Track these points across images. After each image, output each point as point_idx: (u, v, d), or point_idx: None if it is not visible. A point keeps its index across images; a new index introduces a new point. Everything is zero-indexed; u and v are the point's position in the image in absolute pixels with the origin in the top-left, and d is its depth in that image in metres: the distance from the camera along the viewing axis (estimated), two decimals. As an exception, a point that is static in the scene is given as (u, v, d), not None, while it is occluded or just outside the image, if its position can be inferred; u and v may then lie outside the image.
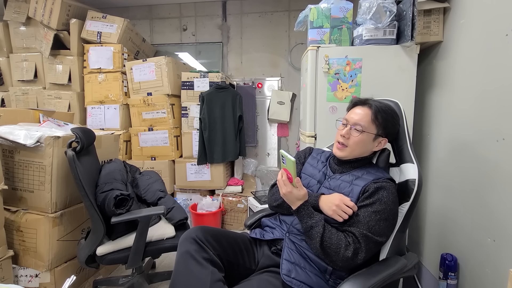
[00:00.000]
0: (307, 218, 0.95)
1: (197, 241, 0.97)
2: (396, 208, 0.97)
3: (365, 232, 0.91)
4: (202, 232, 1.01)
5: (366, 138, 1.04)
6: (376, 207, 0.93)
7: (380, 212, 0.93)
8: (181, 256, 0.96)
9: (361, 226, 0.92)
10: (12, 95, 2.94)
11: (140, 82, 2.72)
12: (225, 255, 1.03)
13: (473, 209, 1.24)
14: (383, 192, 0.95)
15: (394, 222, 0.97)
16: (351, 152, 1.06)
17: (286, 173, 0.96)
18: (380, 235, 0.93)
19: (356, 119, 1.05)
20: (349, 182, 1.03)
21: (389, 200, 0.95)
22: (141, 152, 2.78)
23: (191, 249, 0.95)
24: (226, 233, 1.11)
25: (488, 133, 1.16)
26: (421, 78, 1.66)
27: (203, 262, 0.93)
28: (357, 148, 1.05)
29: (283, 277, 0.95)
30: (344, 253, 0.90)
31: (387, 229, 0.95)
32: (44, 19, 2.66)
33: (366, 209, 0.95)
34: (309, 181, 1.14)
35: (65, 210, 1.57)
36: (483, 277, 1.18)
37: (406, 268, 0.93)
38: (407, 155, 1.05)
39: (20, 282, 1.56)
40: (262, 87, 3.26)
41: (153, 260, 2.02)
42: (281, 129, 3.26)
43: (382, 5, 1.50)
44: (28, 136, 1.44)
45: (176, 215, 1.64)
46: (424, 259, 1.66)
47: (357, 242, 0.91)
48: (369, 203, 0.95)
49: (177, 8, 3.41)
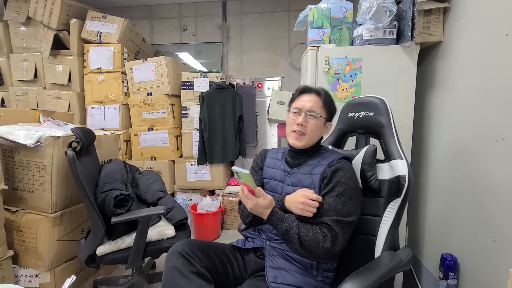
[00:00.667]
0: (280, 223, 0.96)
1: (184, 255, 0.96)
2: (356, 184, 1.01)
3: (335, 218, 0.94)
4: (188, 246, 1.00)
5: (320, 124, 1.08)
6: (338, 189, 0.97)
7: (343, 193, 0.96)
8: (167, 272, 0.95)
9: (330, 213, 0.95)
10: (12, 95, 2.94)
11: (140, 82, 2.72)
12: (213, 267, 1.02)
13: (473, 209, 1.24)
14: (340, 173, 0.99)
15: (359, 198, 1.00)
16: (309, 139, 1.07)
17: (246, 188, 0.97)
18: (349, 215, 0.95)
19: (309, 106, 1.06)
20: (308, 174, 1.05)
21: (347, 179, 0.98)
22: (141, 152, 2.78)
23: (178, 263, 0.94)
24: (212, 244, 1.11)
25: (488, 133, 1.16)
26: (421, 78, 1.66)
27: (191, 275, 0.92)
28: (314, 135, 1.07)
29: (270, 285, 0.95)
30: (323, 244, 0.92)
31: (354, 206, 0.97)
32: (44, 19, 2.66)
33: (329, 195, 0.98)
34: (271, 183, 1.14)
35: (65, 210, 1.57)
36: (483, 277, 1.18)
37: (402, 263, 0.94)
38: (396, 151, 1.06)
39: (20, 282, 1.56)
40: (262, 87, 3.26)
41: (153, 260, 2.02)
42: (281, 129, 3.26)
43: (382, 5, 1.50)
44: (28, 136, 1.44)
45: (176, 215, 1.64)
46: (424, 259, 1.66)
47: (332, 230, 0.93)
48: (330, 188, 0.98)
49: (177, 8, 3.41)
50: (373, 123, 1.16)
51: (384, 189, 1.06)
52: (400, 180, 1.00)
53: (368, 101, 1.20)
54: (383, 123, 1.13)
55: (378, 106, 1.15)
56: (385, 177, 1.07)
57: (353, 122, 1.24)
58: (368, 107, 1.19)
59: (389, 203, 1.03)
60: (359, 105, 1.23)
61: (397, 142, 1.08)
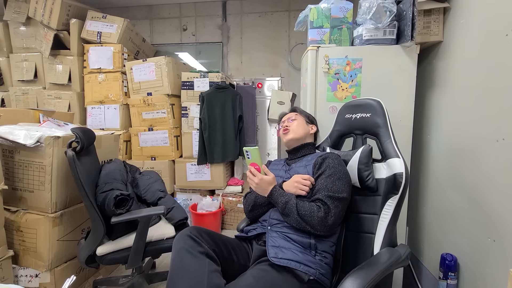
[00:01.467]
0: (280, 197, 1.10)
1: (192, 237, 1.01)
2: (343, 168, 1.14)
3: (326, 193, 1.06)
4: (196, 230, 1.06)
5: (301, 121, 1.35)
6: (327, 172, 1.11)
7: (332, 175, 1.10)
8: (176, 252, 0.98)
9: (322, 191, 1.08)
10: (12, 95, 2.94)
11: (140, 82, 2.72)
12: (219, 251, 1.07)
13: (473, 209, 1.24)
14: (328, 160, 1.15)
15: (348, 179, 1.12)
16: (295, 132, 1.32)
17: (253, 167, 1.13)
18: (340, 192, 1.07)
19: (287, 117, 1.39)
20: (303, 166, 1.22)
21: (335, 164, 1.13)
22: (141, 152, 2.78)
23: (186, 244, 0.98)
24: (218, 234, 1.17)
25: (488, 133, 1.16)
26: (421, 78, 1.66)
27: (199, 255, 0.96)
28: (298, 129, 1.32)
29: (271, 259, 1.02)
30: (317, 214, 1.03)
31: (343, 186, 1.09)
32: (44, 19, 2.66)
33: (321, 177, 1.12)
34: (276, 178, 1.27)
35: (65, 210, 1.57)
36: (483, 277, 1.18)
37: (401, 258, 0.96)
38: (392, 151, 1.09)
39: (20, 282, 1.56)
40: (262, 87, 3.26)
41: (153, 260, 2.02)
42: (281, 129, 3.25)
43: (382, 5, 1.50)
44: (28, 136, 1.44)
45: (176, 215, 1.64)
46: (424, 259, 1.66)
47: (324, 204, 1.05)
48: (321, 172, 1.13)
49: (177, 8, 3.41)
50: (370, 124, 1.21)
51: (381, 187, 1.10)
52: (397, 177, 1.03)
53: (364, 103, 1.25)
54: (380, 124, 1.17)
55: (375, 107, 1.20)
56: (382, 176, 1.11)
57: (350, 123, 1.30)
58: (365, 108, 1.24)
59: (387, 201, 1.06)
60: (356, 107, 1.28)
61: (393, 141, 1.11)
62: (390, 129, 1.14)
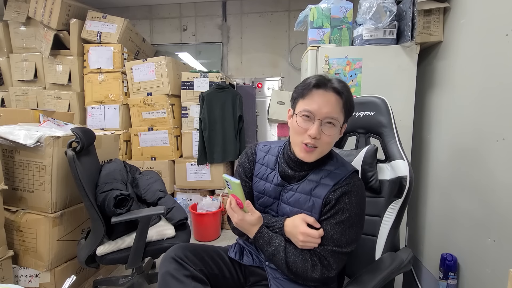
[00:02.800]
0: (266, 245, 0.89)
1: (176, 259, 0.93)
2: (361, 209, 0.88)
3: (330, 248, 0.84)
4: (180, 250, 0.97)
5: (337, 132, 0.87)
6: (339, 217, 0.85)
7: (344, 221, 0.84)
8: (161, 277, 0.93)
9: (326, 242, 0.85)
10: (12, 95, 2.94)
11: (140, 82, 2.72)
12: (208, 269, 0.98)
13: (473, 209, 1.24)
14: (346, 199, 0.85)
15: (362, 222, 0.89)
16: (320, 153, 0.88)
17: (234, 199, 0.90)
18: (348, 245, 0.85)
19: (326, 111, 0.82)
20: (308, 194, 0.90)
21: (352, 205, 0.85)
22: (141, 152, 2.78)
23: (171, 268, 0.92)
24: (207, 247, 1.06)
25: (488, 133, 1.16)
26: (421, 78, 1.66)
27: (184, 279, 0.89)
28: (328, 148, 0.89)
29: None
30: (311, 274, 0.84)
31: (355, 235, 0.86)
32: (44, 19, 2.66)
33: (328, 221, 0.86)
34: (265, 200, 0.99)
35: (65, 210, 1.57)
36: (483, 277, 1.18)
37: (403, 264, 0.93)
38: (396, 152, 1.04)
39: (20, 282, 1.56)
40: (262, 87, 3.26)
41: (153, 260, 2.02)
42: (281, 129, 3.25)
43: (382, 5, 1.50)
44: (28, 136, 1.44)
45: (176, 215, 1.64)
46: (424, 259, 1.66)
47: (324, 260, 0.85)
48: (331, 215, 0.86)
49: (177, 8, 3.41)
50: (373, 123, 1.15)
51: (384, 189, 1.05)
52: (402, 181, 0.99)
53: (369, 100, 1.18)
54: (384, 123, 1.12)
55: (379, 106, 1.14)
56: (386, 177, 1.06)
57: (354, 121, 1.23)
58: (369, 106, 1.17)
59: (389, 204, 1.02)
60: (359, 105, 1.19)
61: (398, 142, 1.07)
62: (395, 129, 1.09)
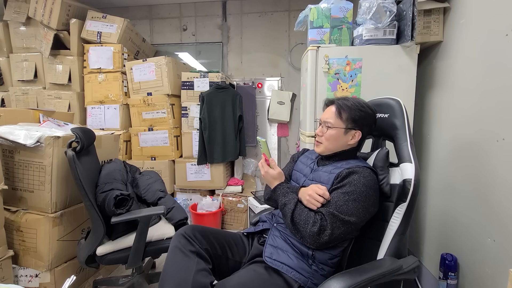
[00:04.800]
0: (282, 196, 1.06)
1: (185, 236, 1.07)
2: (369, 191, 0.99)
3: (331, 211, 0.97)
4: (190, 229, 1.10)
5: (335, 133, 1.12)
6: (346, 188, 0.99)
7: (349, 193, 0.98)
8: (170, 250, 1.06)
9: (330, 206, 0.99)
10: (12, 95, 2.93)
11: (140, 82, 2.72)
12: (212, 250, 1.11)
13: (473, 209, 1.24)
14: (354, 175, 1.01)
15: (366, 204, 0.98)
16: (326, 146, 1.15)
17: (264, 157, 1.12)
18: (348, 214, 0.96)
19: (325, 118, 1.16)
20: (328, 172, 1.10)
21: (359, 182, 0.99)
22: (141, 152, 2.78)
23: (179, 243, 1.05)
24: (215, 230, 1.20)
25: (488, 133, 1.16)
26: (421, 78, 1.66)
27: (189, 254, 1.02)
28: (330, 143, 1.13)
29: (265, 259, 1.03)
30: (310, 228, 0.96)
31: (357, 210, 0.97)
32: (44, 19, 2.66)
33: (336, 191, 1.01)
34: (297, 176, 1.25)
35: (65, 210, 1.57)
36: (483, 277, 1.18)
37: (401, 271, 0.89)
38: (406, 154, 1.02)
39: (20, 282, 1.56)
40: (262, 87, 3.26)
41: (153, 260, 2.02)
42: (281, 129, 3.26)
43: (382, 5, 1.50)
44: (28, 136, 1.44)
45: (176, 215, 1.64)
46: (424, 259, 1.66)
47: (324, 220, 0.96)
48: (339, 186, 1.01)
49: (177, 8, 3.41)
50: (387, 125, 1.13)
51: (394, 193, 1.03)
52: (406, 184, 0.97)
53: (383, 102, 1.16)
54: (397, 125, 1.09)
55: (393, 107, 1.12)
56: (396, 181, 1.03)
57: None
58: (383, 108, 1.15)
59: (396, 208, 1.00)
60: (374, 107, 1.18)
61: (409, 144, 1.04)
62: (408, 131, 1.06)
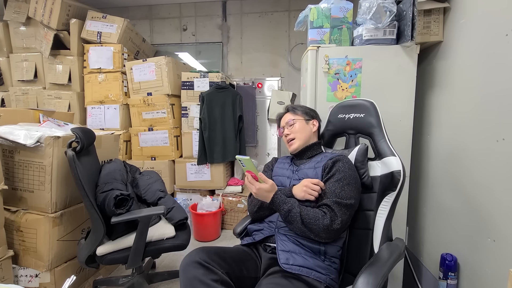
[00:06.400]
0: (282, 205, 1.05)
1: (203, 264, 0.95)
2: (354, 173, 1.11)
3: (334, 199, 1.03)
4: (205, 254, 0.99)
5: (300, 124, 1.28)
6: (337, 176, 1.08)
7: (342, 179, 1.07)
8: (189, 282, 0.91)
9: (330, 196, 1.05)
10: (12, 95, 2.94)
11: (140, 82, 2.72)
12: (232, 272, 1.01)
13: (473, 209, 1.24)
14: (339, 163, 1.11)
15: (357, 185, 1.09)
16: (299, 138, 1.26)
17: (250, 174, 1.07)
18: (348, 198, 1.04)
19: (285, 121, 1.32)
20: (313, 168, 1.18)
21: (345, 168, 1.10)
22: (141, 152, 2.78)
23: (198, 273, 0.92)
24: (226, 249, 1.11)
25: (488, 133, 1.16)
26: (421, 78, 1.66)
27: (214, 284, 0.91)
28: (302, 134, 1.27)
29: (282, 266, 1.00)
30: (323, 221, 0.99)
31: (352, 192, 1.06)
32: (44, 19, 2.66)
33: (329, 181, 1.09)
34: (280, 179, 1.27)
35: (65, 210, 1.57)
36: (483, 277, 1.18)
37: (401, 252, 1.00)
38: (387, 149, 1.14)
39: (20, 282, 1.56)
40: (262, 87, 3.26)
41: (153, 260, 2.02)
42: (281, 129, 3.25)
43: (382, 5, 1.50)
44: (28, 136, 1.44)
45: (176, 215, 1.64)
46: (424, 259, 1.66)
47: (331, 210, 1.01)
48: (330, 175, 1.10)
49: (177, 8, 3.41)
50: (364, 124, 1.25)
51: (376, 185, 1.14)
52: (395, 174, 1.07)
53: (358, 103, 1.29)
54: (374, 124, 1.21)
55: (368, 108, 1.25)
56: (377, 173, 1.15)
57: (344, 123, 1.34)
58: (358, 109, 1.28)
59: (383, 197, 1.10)
60: (349, 107, 1.32)
61: (387, 140, 1.16)
62: (384, 129, 1.19)
